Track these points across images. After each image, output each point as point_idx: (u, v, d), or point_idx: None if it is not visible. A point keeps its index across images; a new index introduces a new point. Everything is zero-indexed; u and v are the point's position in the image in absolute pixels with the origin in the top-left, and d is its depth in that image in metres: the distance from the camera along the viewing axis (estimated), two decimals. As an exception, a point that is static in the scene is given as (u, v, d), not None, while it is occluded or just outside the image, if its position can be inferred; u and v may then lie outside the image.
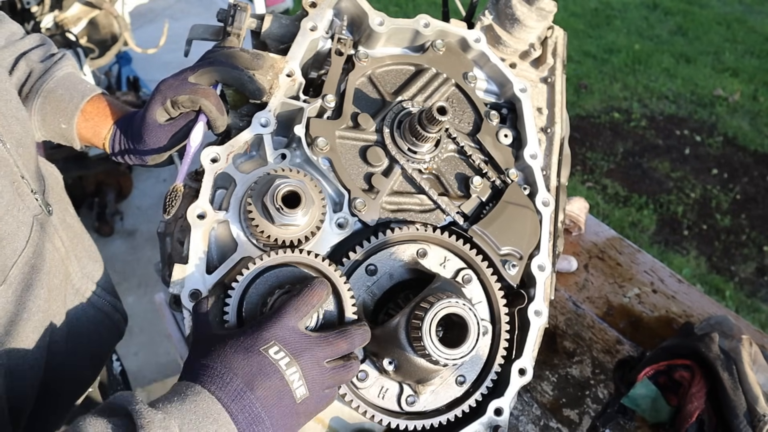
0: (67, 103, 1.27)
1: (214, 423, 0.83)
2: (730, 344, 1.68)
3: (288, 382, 0.90)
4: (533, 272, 1.22)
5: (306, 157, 1.15)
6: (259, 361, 0.90)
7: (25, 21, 3.81)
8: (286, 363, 0.91)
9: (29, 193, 1.10)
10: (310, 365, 0.93)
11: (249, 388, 0.87)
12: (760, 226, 4.57)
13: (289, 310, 0.95)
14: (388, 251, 1.13)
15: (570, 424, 1.74)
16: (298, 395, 0.91)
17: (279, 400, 0.89)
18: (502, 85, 1.36)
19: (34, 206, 1.11)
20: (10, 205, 1.02)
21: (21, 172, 1.08)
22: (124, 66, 4.75)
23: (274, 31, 1.28)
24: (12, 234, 1.02)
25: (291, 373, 0.91)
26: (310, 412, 0.95)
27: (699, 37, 6.83)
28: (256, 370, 0.89)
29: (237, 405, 0.86)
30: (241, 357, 0.89)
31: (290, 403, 0.91)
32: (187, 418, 0.82)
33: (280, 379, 0.90)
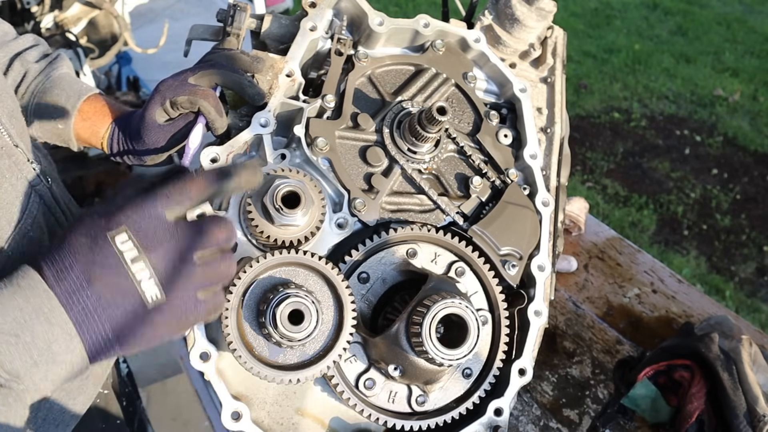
0: (63, 103, 1.26)
1: (46, 322, 0.74)
2: (730, 344, 1.68)
3: (133, 280, 0.77)
4: (533, 272, 1.22)
5: (306, 158, 1.15)
6: (103, 248, 0.76)
7: (25, 21, 3.81)
8: (133, 257, 0.77)
9: (26, 162, 1.06)
10: (165, 261, 0.78)
11: (86, 279, 0.76)
12: (760, 226, 4.57)
13: (158, 195, 0.79)
14: (378, 256, 1.13)
15: (570, 424, 1.74)
16: (148, 297, 0.77)
17: (121, 301, 0.77)
18: (502, 85, 1.36)
19: (32, 176, 1.08)
20: (7, 172, 1.00)
21: (15, 141, 1.05)
22: (124, 66, 4.75)
23: (274, 32, 1.28)
24: (9, 203, 0.99)
25: (138, 269, 0.77)
26: (174, 322, 0.80)
27: (699, 37, 6.83)
28: (97, 260, 0.76)
29: (72, 300, 0.75)
30: (86, 240, 0.77)
31: (137, 306, 0.78)
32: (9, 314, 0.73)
33: (123, 275, 0.77)
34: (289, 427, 1.11)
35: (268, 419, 1.10)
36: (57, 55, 1.32)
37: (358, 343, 1.11)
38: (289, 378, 0.99)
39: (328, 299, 1.04)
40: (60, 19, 3.89)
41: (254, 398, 1.10)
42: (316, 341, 1.02)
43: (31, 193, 1.06)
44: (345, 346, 1.02)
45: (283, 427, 1.11)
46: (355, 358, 1.11)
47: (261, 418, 1.10)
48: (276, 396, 1.11)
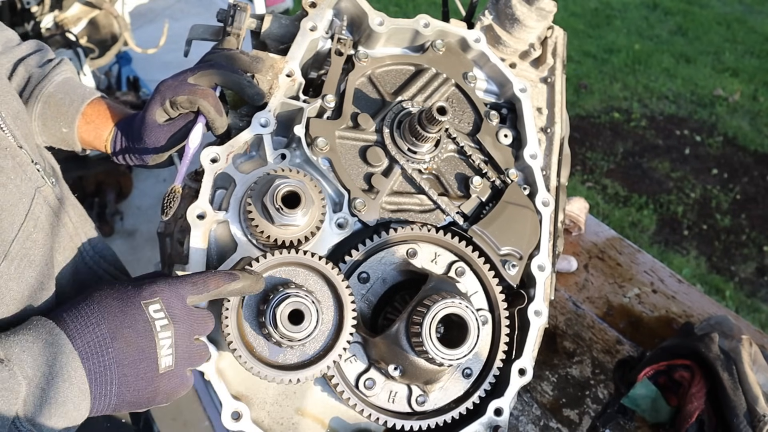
0: (67, 107, 1.27)
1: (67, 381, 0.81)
2: (730, 344, 1.68)
3: (157, 345, 0.86)
4: (533, 272, 1.22)
5: (306, 158, 1.15)
6: (134, 313, 0.86)
7: (25, 21, 3.81)
8: (162, 325, 0.86)
9: (30, 163, 1.07)
10: (184, 337, 0.89)
11: (111, 336, 0.84)
12: (760, 226, 4.57)
13: (186, 280, 0.92)
14: (378, 256, 1.13)
15: (570, 424, 1.74)
16: (162, 364, 0.87)
17: (139, 360, 0.86)
18: (502, 85, 1.36)
19: (36, 177, 1.08)
20: (11, 173, 1.00)
21: (19, 143, 1.06)
22: (124, 66, 4.75)
23: (274, 32, 1.28)
24: (13, 204, 0.99)
25: (164, 337, 0.86)
26: (167, 391, 0.90)
27: (699, 37, 6.83)
28: (126, 322, 0.85)
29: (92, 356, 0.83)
30: (118, 304, 0.86)
31: (150, 369, 0.86)
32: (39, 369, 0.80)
33: (149, 339, 0.86)
34: (289, 427, 1.11)
35: (268, 419, 1.10)
36: (60, 60, 1.33)
37: (358, 343, 1.11)
38: (289, 378, 0.99)
39: (328, 299, 1.04)
40: (60, 19, 3.89)
41: (254, 398, 1.10)
42: (316, 341, 1.02)
43: (35, 194, 1.06)
44: (345, 346, 1.02)
45: (283, 427, 1.11)
46: (355, 358, 1.11)
47: (261, 418, 1.10)
48: (276, 396, 1.11)
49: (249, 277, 0.97)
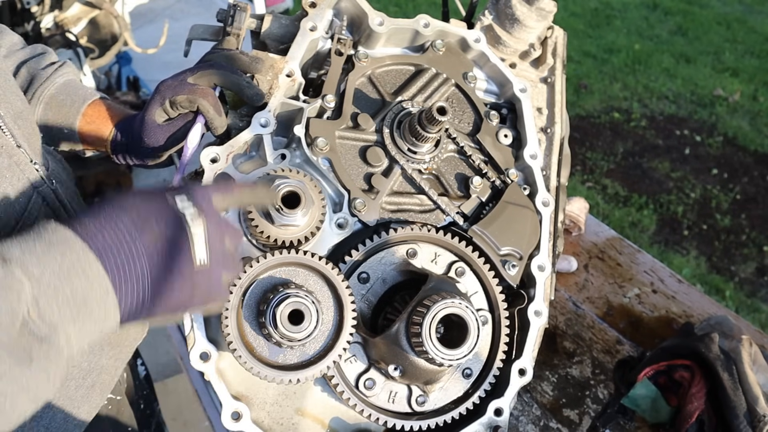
0: (68, 108, 1.27)
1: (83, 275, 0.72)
2: (730, 344, 1.68)
3: (189, 234, 0.77)
4: (533, 272, 1.22)
5: (306, 158, 1.15)
6: (160, 204, 0.77)
7: (25, 21, 3.81)
8: (192, 214, 0.78)
9: (28, 163, 1.06)
10: (216, 234, 0.81)
11: (136, 229, 0.75)
12: (760, 226, 4.57)
13: (210, 185, 0.89)
14: (378, 256, 1.13)
15: (570, 425, 1.74)
16: (197, 257, 0.78)
17: (170, 254, 0.77)
18: (502, 85, 1.36)
19: (34, 176, 1.07)
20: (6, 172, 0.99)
21: (18, 142, 1.06)
22: (124, 66, 4.75)
23: (274, 32, 1.28)
24: (9, 204, 0.98)
25: (195, 229, 0.78)
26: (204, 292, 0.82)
27: (699, 37, 6.83)
28: (153, 212, 0.76)
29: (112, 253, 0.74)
30: (140, 199, 0.78)
31: (185, 263, 0.78)
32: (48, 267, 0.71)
33: (179, 229, 0.77)
34: (289, 427, 1.11)
35: (268, 419, 1.10)
36: (62, 63, 1.33)
37: (358, 343, 1.11)
38: (289, 378, 0.99)
39: (328, 299, 1.04)
40: (60, 19, 3.89)
41: (254, 398, 1.10)
42: (316, 341, 1.02)
43: (32, 194, 1.06)
44: (345, 346, 1.02)
45: (283, 427, 1.11)
46: (355, 358, 1.11)
47: (261, 418, 1.10)
48: (276, 396, 1.11)
49: (265, 185, 0.96)
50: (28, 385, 0.69)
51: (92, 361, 1.19)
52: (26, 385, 0.69)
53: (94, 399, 1.23)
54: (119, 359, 1.29)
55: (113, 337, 1.26)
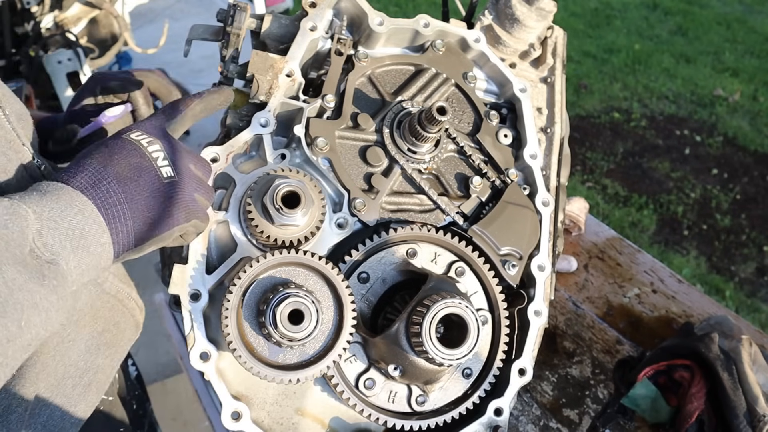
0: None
1: (79, 213, 0.79)
2: (730, 344, 1.68)
3: (150, 157, 0.87)
4: (533, 272, 1.22)
5: (306, 157, 1.15)
6: (118, 143, 0.87)
7: (25, 21, 3.81)
8: (148, 141, 0.88)
9: (31, 160, 1.06)
10: (175, 148, 0.91)
11: (103, 166, 0.84)
12: (760, 226, 4.57)
13: (156, 113, 0.96)
14: (378, 256, 1.13)
15: (570, 424, 1.74)
16: (163, 173, 0.88)
17: (137, 176, 0.86)
18: (502, 85, 1.36)
19: (37, 176, 1.07)
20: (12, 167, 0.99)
21: (22, 141, 1.06)
22: (124, 66, 4.75)
23: (274, 31, 1.28)
24: None
25: (153, 149, 0.88)
26: (183, 201, 0.90)
27: (699, 37, 6.83)
28: (113, 150, 0.86)
29: (93, 189, 0.83)
30: (102, 146, 0.88)
31: (153, 179, 0.87)
32: (46, 206, 0.77)
33: (139, 155, 0.87)
34: (289, 427, 1.11)
35: (268, 419, 1.10)
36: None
37: (358, 343, 1.11)
38: (289, 378, 0.99)
39: (328, 299, 1.04)
40: (60, 19, 3.89)
41: (254, 398, 1.10)
42: (316, 341, 1.02)
43: None
44: (345, 346, 1.02)
45: (283, 427, 1.11)
46: (355, 358, 1.11)
47: (261, 418, 1.10)
48: (276, 396, 1.11)
49: (212, 90, 1.00)
50: (41, 302, 0.72)
51: (88, 360, 1.20)
52: (39, 303, 0.72)
53: (90, 398, 1.24)
54: (114, 359, 1.29)
55: (109, 337, 1.26)
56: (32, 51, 3.77)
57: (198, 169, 0.97)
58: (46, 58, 3.69)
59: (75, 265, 0.79)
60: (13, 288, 0.68)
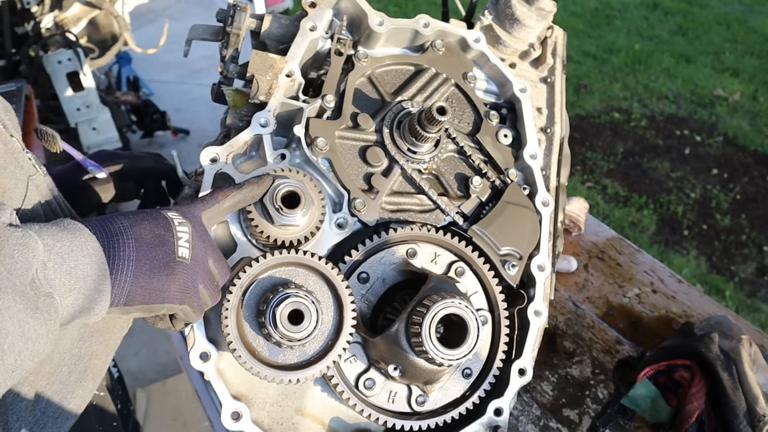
0: None
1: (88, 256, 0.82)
2: (730, 344, 1.68)
3: (174, 232, 0.91)
4: (533, 272, 1.22)
5: (305, 158, 1.15)
6: (153, 213, 0.92)
7: (25, 21, 3.81)
8: (180, 221, 0.93)
9: (20, 151, 1.07)
10: (203, 239, 0.95)
11: (130, 224, 0.89)
12: (760, 226, 4.57)
13: (196, 200, 1.00)
14: (378, 256, 1.13)
15: (570, 424, 1.74)
16: (179, 252, 0.91)
17: (155, 245, 0.89)
18: (502, 85, 1.36)
19: (27, 166, 1.08)
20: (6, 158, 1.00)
21: (10, 132, 1.07)
22: (124, 66, 4.75)
23: (274, 32, 1.28)
24: (10, 189, 1.00)
25: (181, 230, 0.92)
26: (182, 284, 0.92)
27: (699, 37, 6.83)
28: (145, 217, 0.91)
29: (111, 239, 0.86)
30: (139, 212, 0.92)
31: (168, 253, 0.89)
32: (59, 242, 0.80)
33: (166, 227, 0.91)
34: (289, 427, 1.11)
35: (268, 419, 1.10)
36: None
37: (358, 343, 1.11)
38: (289, 378, 0.99)
39: (328, 299, 1.04)
40: (60, 19, 3.89)
41: (254, 398, 1.10)
42: (316, 341, 1.02)
43: (27, 182, 1.07)
44: (345, 346, 1.02)
45: (283, 427, 1.11)
46: (355, 358, 1.11)
47: (261, 418, 1.10)
48: (276, 396, 1.11)
49: (252, 182, 1.04)
50: (29, 333, 0.75)
51: (82, 347, 1.21)
52: (27, 333, 0.74)
53: (87, 385, 1.25)
54: (108, 345, 1.30)
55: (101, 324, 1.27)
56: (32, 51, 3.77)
57: (215, 266, 0.98)
58: (46, 58, 3.69)
59: (69, 303, 0.81)
60: (5, 316, 0.71)
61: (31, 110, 3.17)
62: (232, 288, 0.99)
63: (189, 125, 4.99)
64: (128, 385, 3.25)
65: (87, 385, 1.25)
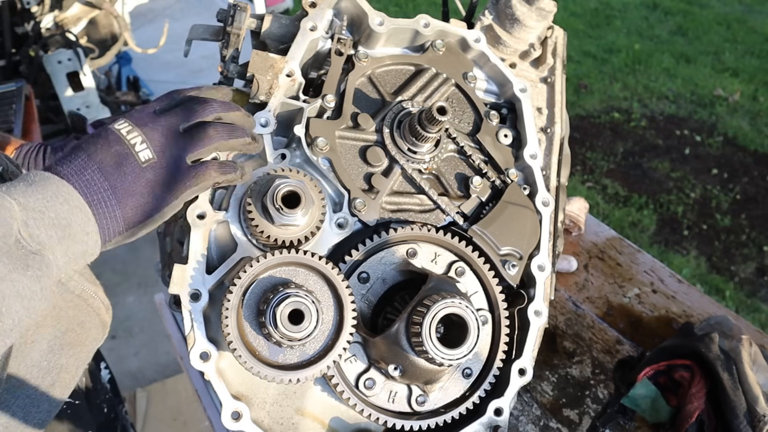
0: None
1: (65, 203, 0.83)
2: (730, 344, 1.68)
3: (128, 144, 0.92)
4: (533, 272, 1.22)
5: (306, 157, 1.15)
6: (103, 134, 0.93)
7: (25, 21, 3.81)
8: (128, 130, 0.93)
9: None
10: (155, 131, 0.94)
11: (87, 155, 0.89)
12: (760, 226, 4.57)
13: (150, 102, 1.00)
14: (378, 256, 1.13)
15: (570, 424, 1.74)
16: (141, 158, 0.92)
17: (119, 164, 0.90)
18: (502, 85, 1.36)
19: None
20: None
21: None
22: (124, 66, 4.75)
23: (274, 31, 1.28)
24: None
25: (132, 137, 0.92)
26: (164, 181, 0.93)
27: (699, 37, 6.83)
28: (97, 140, 0.91)
29: (78, 177, 0.87)
30: (91, 138, 0.93)
31: (133, 166, 0.91)
32: (32, 197, 0.80)
33: (120, 143, 0.91)
34: (289, 427, 1.11)
35: (268, 419, 1.10)
36: None
37: (358, 343, 1.11)
38: (289, 378, 0.99)
39: (328, 299, 1.04)
40: (60, 19, 3.89)
41: (254, 398, 1.10)
42: (316, 341, 1.02)
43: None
44: (345, 346, 1.02)
45: (283, 427, 1.11)
46: (355, 358, 1.11)
47: (261, 417, 1.10)
48: (276, 396, 1.11)
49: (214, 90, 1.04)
50: (23, 291, 0.76)
51: (51, 360, 1.19)
52: (21, 292, 0.76)
53: (53, 399, 1.23)
54: (79, 359, 1.29)
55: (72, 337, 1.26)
56: (32, 51, 3.77)
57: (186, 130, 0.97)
58: (46, 58, 3.69)
59: (61, 254, 0.82)
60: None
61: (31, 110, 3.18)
62: (232, 288, 0.99)
63: (189, 125, 4.97)
64: (128, 385, 3.27)
65: (54, 398, 1.23)
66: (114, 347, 3.54)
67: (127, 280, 3.83)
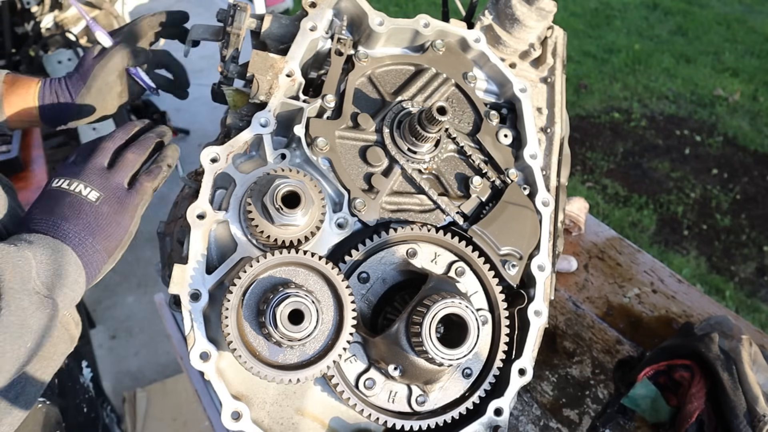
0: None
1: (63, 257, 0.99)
2: (730, 344, 1.68)
3: (75, 193, 1.06)
4: (533, 272, 1.22)
5: (306, 157, 1.15)
6: (47, 195, 1.07)
7: (25, 21, 3.81)
8: (67, 183, 1.07)
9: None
10: (90, 174, 1.08)
11: (50, 215, 1.04)
12: (760, 226, 4.57)
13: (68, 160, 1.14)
14: (378, 256, 1.13)
15: (570, 424, 1.74)
16: (92, 198, 1.06)
17: (78, 210, 1.05)
18: (502, 85, 1.36)
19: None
20: None
21: None
22: (123, 66, 4.73)
23: (274, 31, 1.28)
24: None
25: (74, 187, 1.06)
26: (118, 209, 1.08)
27: (699, 37, 6.83)
28: (49, 202, 1.06)
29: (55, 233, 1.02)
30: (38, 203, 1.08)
31: (89, 206, 1.06)
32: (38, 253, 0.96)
33: (67, 195, 1.06)
34: (289, 427, 1.11)
35: (268, 419, 1.10)
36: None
37: (358, 343, 1.11)
38: (289, 378, 0.99)
39: (328, 299, 1.04)
40: (60, 19, 3.89)
41: (254, 398, 1.10)
42: (316, 341, 1.02)
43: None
44: (345, 346, 1.02)
45: (283, 427, 1.11)
46: (355, 358, 1.11)
47: (261, 417, 1.10)
48: (276, 396, 1.11)
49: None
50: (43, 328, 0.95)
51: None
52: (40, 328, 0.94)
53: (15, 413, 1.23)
54: (45, 373, 1.28)
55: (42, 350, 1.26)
56: (32, 51, 3.77)
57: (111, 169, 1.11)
58: (46, 58, 3.69)
59: (61, 299, 0.98)
60: (27, 315, 0.91)
61: (31, 110, 3.17)
62: (232, 288, 0.99)
63: (189, 125, 4.99)
64: (128, 385, 3.27)
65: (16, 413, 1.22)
66: (114, 347, 3.54)
67: (127, 280, 3.83)
